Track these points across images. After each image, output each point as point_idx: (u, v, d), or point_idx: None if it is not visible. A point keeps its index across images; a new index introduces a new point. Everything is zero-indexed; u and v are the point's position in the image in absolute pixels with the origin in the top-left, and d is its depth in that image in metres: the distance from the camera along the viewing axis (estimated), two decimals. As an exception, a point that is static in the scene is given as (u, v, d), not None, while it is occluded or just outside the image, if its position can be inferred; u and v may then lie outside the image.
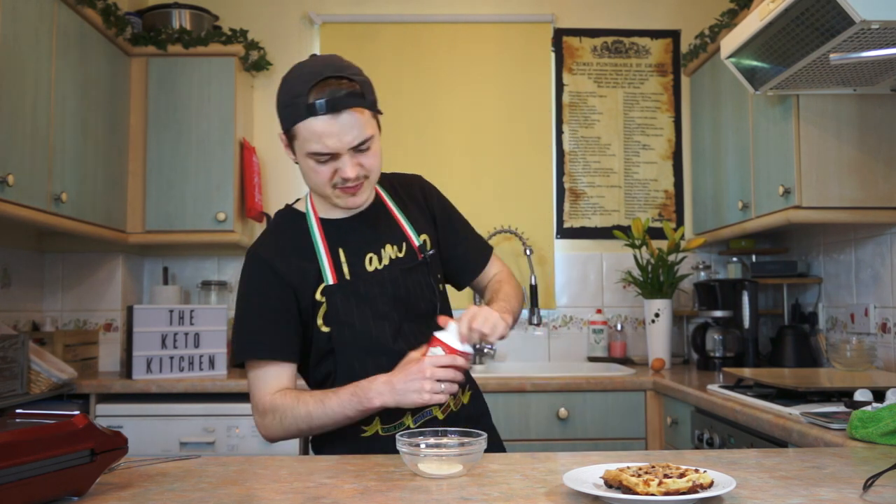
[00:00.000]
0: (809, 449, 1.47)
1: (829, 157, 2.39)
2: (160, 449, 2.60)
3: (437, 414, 1.53)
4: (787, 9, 1.94)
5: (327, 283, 1.51)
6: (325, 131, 1.41)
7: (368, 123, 1.46)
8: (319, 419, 1.45)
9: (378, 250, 1.56)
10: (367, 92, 1.47)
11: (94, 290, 3.14)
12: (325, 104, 1.40)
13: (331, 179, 1.46)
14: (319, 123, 1.40)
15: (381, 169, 1.55)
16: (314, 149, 1.43)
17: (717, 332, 2.99)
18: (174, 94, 3.07)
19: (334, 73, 1.44)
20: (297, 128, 1.43)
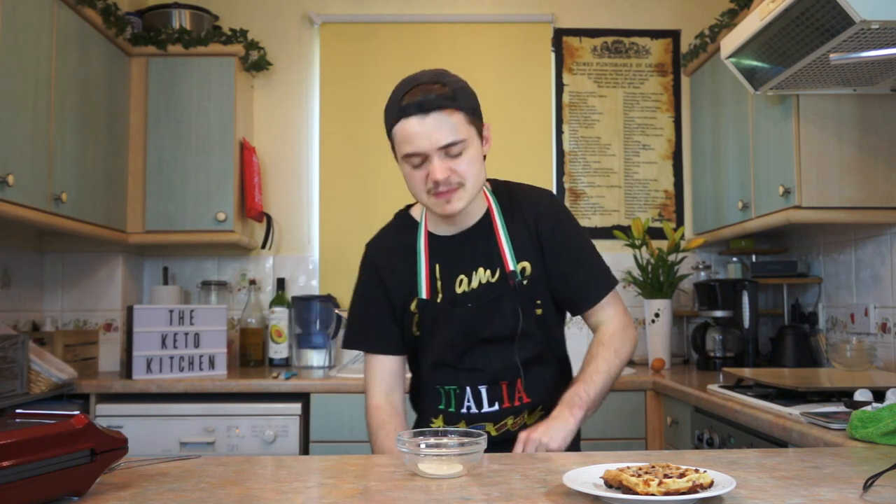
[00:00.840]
0: (809, 449, 1.47)
1: (829, 157, 2.39)
2: (160, 449, 2.60)
3: (491, 430, 1.61)
4: (787, 9, 1.94)
5: (420, 297, 1.61)
6: (414, 132, 1.46)
7: (461, 127, 1.49)
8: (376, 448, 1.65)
9: (470, 272, 1.60)
10: (460, 97, 1.50)
11: (94, 290, 3.14)
12: (415, 105, 1.46)
13: (425, 184, 1.50)
14: (410, 124, 1.46)
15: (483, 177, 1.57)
16: (405, 150, 1.48)
17: (717, 332, 2.99)
18: (174, 94, 3.07)
19: (429, 80, 1.49)
20: (393, 132, 1.51)
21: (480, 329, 1.59)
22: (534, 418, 1.63)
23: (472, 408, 1.62)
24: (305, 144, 3.48)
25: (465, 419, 1.63)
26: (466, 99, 1.51)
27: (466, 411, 1.63)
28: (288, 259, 3.44)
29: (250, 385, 2.72)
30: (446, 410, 1.65)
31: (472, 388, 1.62)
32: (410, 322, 1.64)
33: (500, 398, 1.61)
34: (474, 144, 1.52)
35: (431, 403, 1.67)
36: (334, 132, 3.45)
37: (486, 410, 1.62)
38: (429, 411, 1.68)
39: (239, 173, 3.14)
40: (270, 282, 3.42)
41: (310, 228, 3.45)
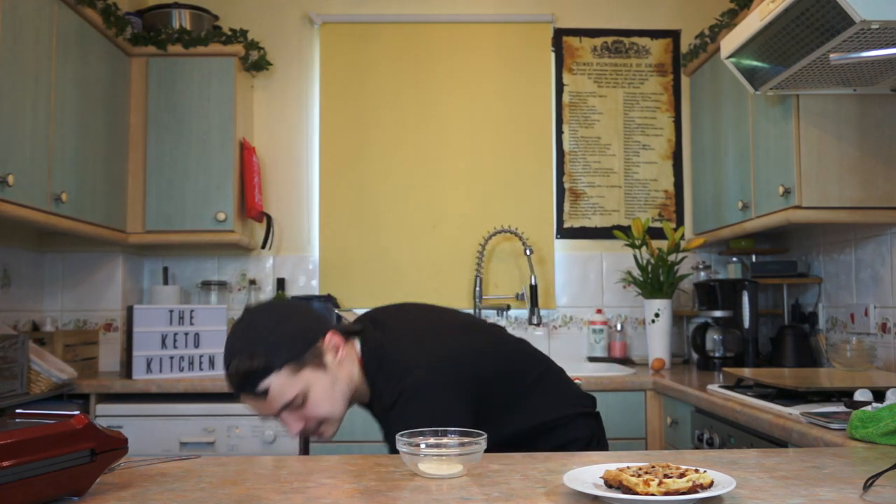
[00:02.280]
0: (809, 449, 1.47)
1: (829, 157, 2.39)
2: (160, 449, 2.60)
3: None
4: (787, 9, 1.94)
5: None
6: (252, 405, 1.49)
7: (289, 385, 1.44)
8: None
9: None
10: (274, 357, 1.43)
11: (94, 290, 3.14)
12: (237, 387, 1.47)
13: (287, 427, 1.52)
14: (245, 400, 1.49)
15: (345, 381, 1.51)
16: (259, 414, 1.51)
17: (717, 332, 2.99)
18: (174, 94, 3.07)
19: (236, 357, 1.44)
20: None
21: None
22: None
23: None
24: (305, 144, 3.48)
25: None
26: (284, 352, 1.44)
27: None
28: (288, 259, 3.44)
29: (250, 385, 2.71)
30: None
31: None
32: None
33: None
34: (317, 382, 1.47)
35: None
36: (334, 132, 3.45)
37: None
38: None
39: (239, 173, 3.14)
40: (270, 282, 3.42)
41: (310, 228, 3.45)
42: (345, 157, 3.43)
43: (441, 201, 3.42)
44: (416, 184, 3.41)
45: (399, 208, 3.41)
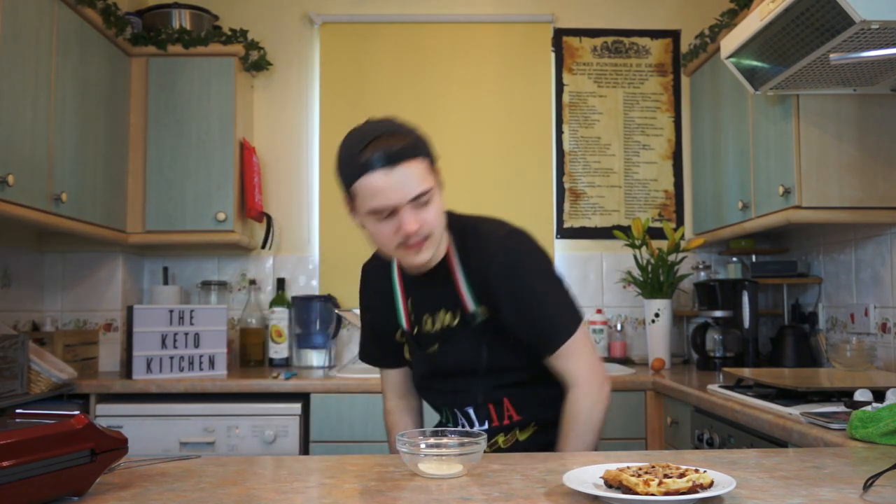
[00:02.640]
0: (809, 449, 1.47)
1: (829, 157, 2.39)
2: (160, 449, 2.60)
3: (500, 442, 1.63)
4: (787, 9, 1.94)
5: (402, 327, 1.67)
6: (382, 185, 1.41)
7: (426, 176, 1.45)
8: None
9: (434, 313, 1.62)
10: (421, 145, 1.46)
11: (94, 290, 3.14)
12: (380, 158, 1.40)
13: (394, 237, 1.46)
14: (376, 179, 1.41)
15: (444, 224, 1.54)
16: (374, 205, 1.43)
17: (717, 332, 2.99)
18: (174, 94, 3.07)
19: (387, 131, 1.44)
20: (355, 187, 1.44)
21: (447, 368, 1.63)
22: (526, 434, 1.62)
23: (466, 426, 1.65)
24: (305, 144, 3.48)
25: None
26: (427, 147, 1.48)
27: (462, 427, 1.66)
28: (288, 259, 3.44)
29: (250, 385, 2.72)
30: (447, 426, 1.69)
31: (460, 410, 1.65)
32: (402, 347, 1.72)
33: (490, 417, 1.63)
34: (437, 191, 1.49)
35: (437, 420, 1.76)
36: (334, 132, 3.43)
37: (477, 429, 1.63)
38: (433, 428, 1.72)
39: (239, 173, 3.14)
40: (270, 282, 3.42)
41: (310, 228, 3.45)
42: (345, 157, 3.43)
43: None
44: (416, 184, 3.41)
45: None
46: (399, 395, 1.79)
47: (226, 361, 2.98)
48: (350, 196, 1.48)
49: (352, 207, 1.51)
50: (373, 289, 1.74)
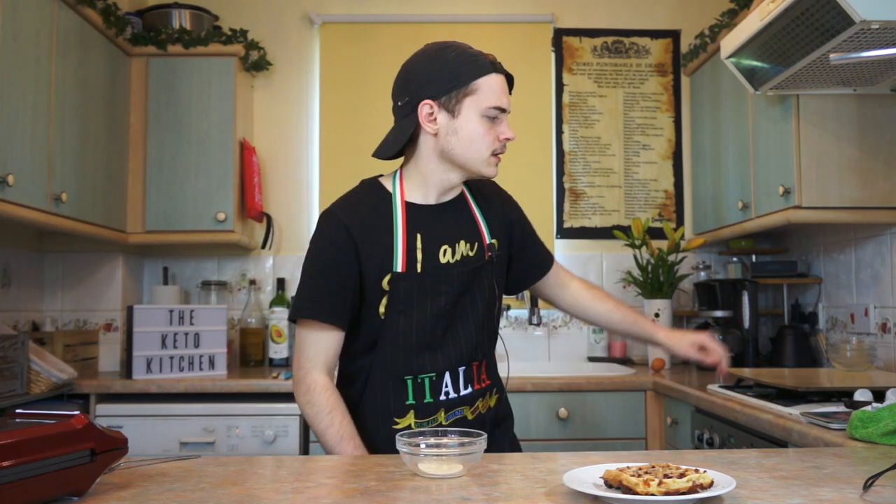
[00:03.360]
0: (809, 449, 1.47)
1: (829, 157, 2.39)
2: (160, 449, 2.60)
3: (467, 414, 1.59)
4: (787, 9, 1.94)
5: (395, 270, 1.52)
6: (502, 88, 1.53)
7: None
8: (325, 446, 1.56)
9: (453, 244, 1.59)
10: None
11: (94, 290, 3.14)
12: (500, 65, 1.54)
13: (494, 142, 1.54)
14: (499, 81, 1.53)
15: None
16: (494, 102, 1.51)
17: (717, 332, 2.99)
18: (174, 94, 3.07)
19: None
20: (478, 82, 1.50)
21: (465, 300, 1.58)
22: (493, 401, 1.66)
23: (451, 392, 1.56)
24: (305, 144, 3.48)
25: (444, 406, 1.56)
26: None
27: (445, 397, 1.56)
28: (288, 259, 3.44)
29: (250, 385, 2.72)
30: (419, 403, 1.54)
31: (451, 372, 1.56)
32: (377, 301, 1.53)
33: (472, 380, 1.60)
34: None
35: (394, 400, 1.55)
36: (334, 132, 3.45)
37: (463, 394, 1.58)
38: (388, 411, 1.55)
39: (239, 173, 3.14)
40: (270, 282, 3.42)
41: (310, 228, 3.45)
42: (345, 156, 3.43)
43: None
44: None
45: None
46: (330, 368, 1.56)
47: (226, 361, 2.98)
48: (460, 93, 1.51)
49: (450, 106, 1.52)
50: (354, 231, 1.52)
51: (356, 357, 1.60)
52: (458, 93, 1.50)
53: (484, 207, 1.67)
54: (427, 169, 1.58)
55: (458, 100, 1.51)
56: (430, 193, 1.60)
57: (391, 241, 1.54)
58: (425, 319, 1.54)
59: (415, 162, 1.59)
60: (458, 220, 1.62)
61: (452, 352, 1.57)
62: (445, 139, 1.53)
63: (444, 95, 1.51)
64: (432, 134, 1.54)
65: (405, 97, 1.54)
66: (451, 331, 1.57)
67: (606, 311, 1.87)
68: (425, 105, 1.52)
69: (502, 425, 1.70)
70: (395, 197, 1.58)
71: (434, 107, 1.52)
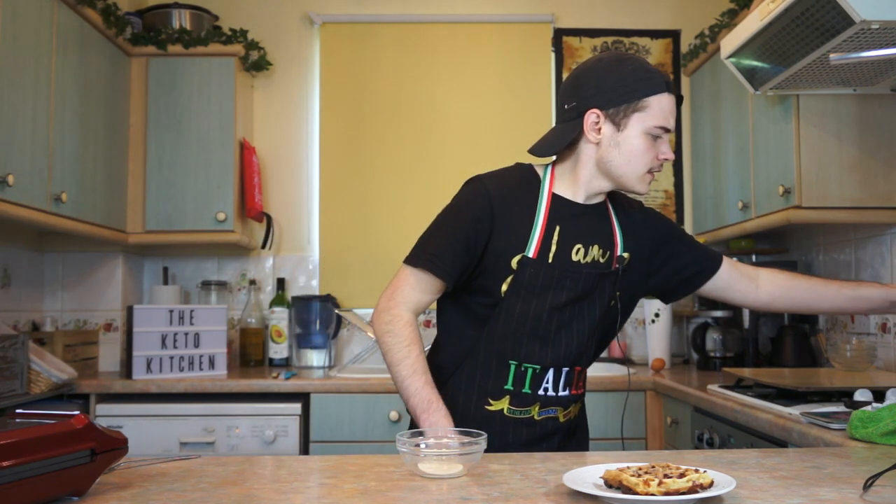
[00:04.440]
0: (809, 449, 1.47)
1: (829, 157, 2.39)
2: (160, 449, 2.60)
3: (560, 416, 1.60)
4: (787, 9, 1.94)
5: (527, 255, 1.53)
6: (671, 110, 1.53)
7: None
8: (396, 377, 1.52)
9: (587, 245, 1.58)
10: None
11: (94, 290, 3.14)
12: (672, 85, 1.53)
13: (653, 161, 1.55)
14: (670, 101, 1.52)
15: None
16: (660, 122, 1.51)
17: (717, 332, 2.99)
18: (174, 94, 3.07)
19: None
20: (650, 99, 1.50)
21: (584, 302, 1.57)
22: (576, 410, 1.66)
23: (550, 390, 1.57)
24: (305, 144, 3.48)
25: (541, 401, 1.57)
26: None
27: (543, 393, 1.56)
28: (288, 259, 3.44)
29: (250, 385, 2.72)
30: (517, 391, 1.56)
31: (555, 369, 1.56)
32: (501, 279, 1.54)
33: (571, 384, 1.60)
34: None
35: (493, 382, 1.56)
36: (334, 132, 3.45)
37: (561, 395, 1.58)
38: (485, 391, 1.57)
39: (239, 173, 3.14)
40: (270, 282, 3.42)
41: (310, 228, 3.45)
42: (345, 156, 3.43)
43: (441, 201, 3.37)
44: (416, 183, 3.41)
45: (399, 208, 3.40)
46: (419, 314, 1.58)
47: (226, 361, 2.98)
48: (630, 108, 1.51)
49: (617, 118, 1.52)
50: (497, 203, 1.55)
51: (463, 330, 1.61)
52: (629, 107, 1.51)
53: (623, 220, 1.67)
54: (581, 174, 1.59)
55: (626, 114, 1.51)
56: (579, 194, 1.61)
57: (530, 224, 1.55)
58: (543, 310, 1.54)
59: (570, 165, 1.60)
60: (597, 225, 1.62)
61: (562, 350, 1.56)
62: (607, 150, 1.54)
63: (613, 107, 1.51)
64: (594, 143, 1.55)
65: (573, 101, 1.55)
66: (564, 329, 1.56)
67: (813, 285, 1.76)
68: (592, 114, 1.52)
69: (577, 433, 1.70)
70: (545, 184, 1.61)
71: (601, 117, 1.52)
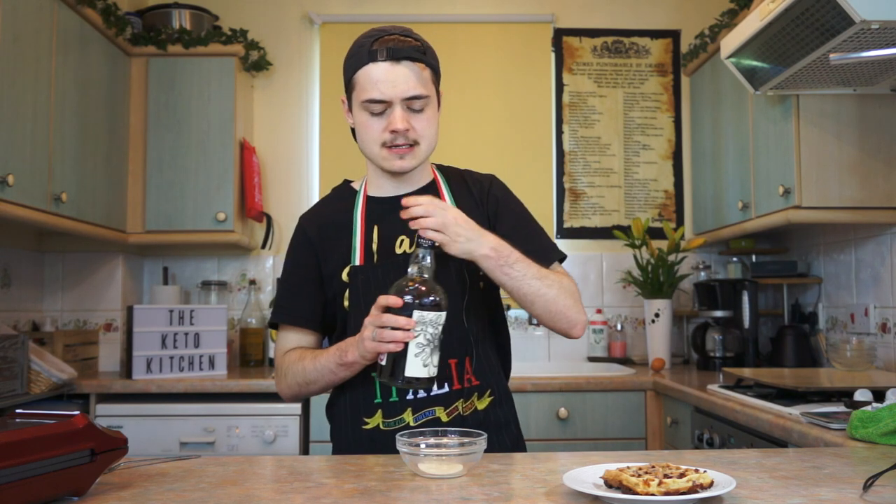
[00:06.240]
0: (809, 449, 1.47)
1: (829, 157, 2.39)
2: (160, 449, 2.60)
3: (441, 415, 1.48)
4: (787, 9, 1.94)
5: (353, 263, 1.52)
6: (381, 77, 1.43)
7: (426, 83, 1.47)
8: (312, 374, 1.49)
9: (412, 234, 1.51)
10: (429, 54, 1.50)
11: (94, 290, 3.14)
12: (386, 51, 1.43)
13: (381, 135, 1.47)
14: (377, 70, 1.44)
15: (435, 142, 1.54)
16: (369, 95, 1.44)
17: (717, 332, 2.99)
18: (174, 94, 3.07)
19: (400, 32, 1.48)
20: (356, 76, 1.46)
21: None
22: (483, 404, 1.53)
23: (420, 391, 1.47)
24: (305, 144, 3.48)
25: (412, 406, 1.47)
26: (434, 58, 1.52)
27: (413, 396, 1.47)
28: (288, 259, 3.43)
29: (250, 385, 2.72)
30: (385, 402, 1.48)
31: None
32: (342, 294, 1.52)
33: (449, 379, 1.49)
34: (434, 105, 1.51)
35: (362, 399, 1.51)
36: (334, 132, 3.45)
37: (435, 393, 1.48)
38: (357, 411, 1.51)
39: (239, 173, 3.14)
40: (270, 282, 3.42)
41: (310, 228, 3.45)
42: (345, 157, 3.43)
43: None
44: (416, 184, 3.41)
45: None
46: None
47: (226, 361, 2.98)
48: (350, 87, 1.49)
49: (349, 106, 1.52)
50: (312, 234, 1.58)
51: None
52: (349, 89, 1.50)
53: (458, 196, 1.59)
54: (368, 164, 1.58)
55: (350, 96, 1.51)
56: (384, 186, 1.58)
57: (349, 239, 1.55)
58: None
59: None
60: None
61: None
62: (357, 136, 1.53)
63: (345, 93, 1.53)
64: (351, 128, 1.54)
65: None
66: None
67: None
68: (343, 100, 1.54)
69: (497, 432, 1.56)
70: (359, 194, 1.60)
71: (344, 103, 1.54)
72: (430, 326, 1.31)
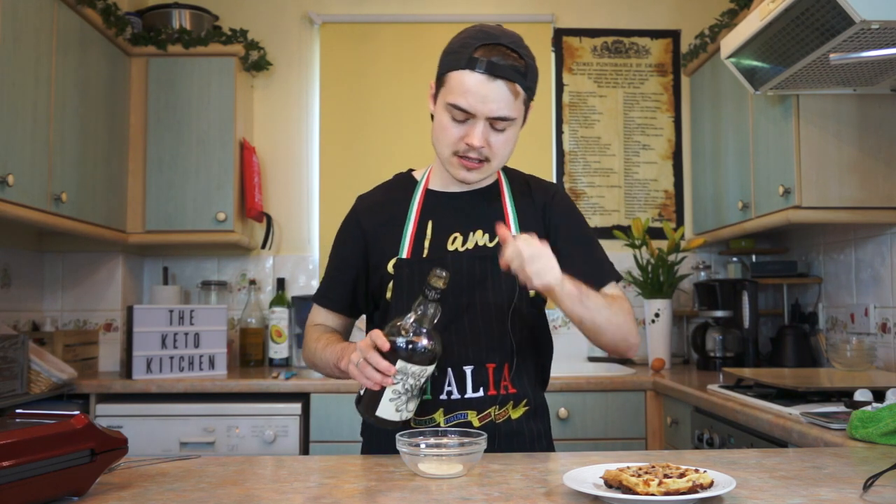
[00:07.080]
0: (809, 449, 1.47)
1: (829, 157, 2.39)
2: (160, 449, 2.60)
3: (473, 419, 1.46)
4: (787, 9, 1.94)
5: (401, 256, 1.50)
6: (473, 89, 1.39)
7: (516, 106, 1.43)
8: (319, 361, 1.53)
9: (467, 232, 1.51)
10: (530, 76, 1.44)
11: (94, 290, 3.14)
12: (487, 63, 1.38)
13: (456, 143, 1.44)
14: (472, 79, 1.39)
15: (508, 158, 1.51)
16: (456, 101, 1.40)
17: (717, 332, 2.99)
18: (174, 94, 3.07)
19: (509, 44, 1.41)
20: (449, 75, 1.42)
21: (477, 294, 1.47)
22: (518, 413, 1.49)
23: (454, 392, 1.46)
24: (305, 144, 3.48)
25: (444, 407, 1.45)
26: (533, 80, 1.46)
27: (447, 397, 1.46)
28: (288, 259, 3.44)
29: (250, 385, 2.72)
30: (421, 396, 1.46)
31: (454, 369, 1.46)
32: (385, 286, 1.51)
33: (486, 384, 1.46)
34: (518, 125, 1.47)
35: None
36: (334, 132, 3.45)
37: (469, 396, 1.46)
38: None
39: (239, 173, 3.14)
40: (270, 282, 3.42)
41: (310, 228, 3.45)
42: (345, 157, 3.43)
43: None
44: (416, 184, 3.41)
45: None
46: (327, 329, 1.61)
47: (226, 361, 2.98)
48: (440, 81, 1.46)
49: (435, 92, 1.48)
50: (364, 219, 1.58)
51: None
52: (440, 80, 1.46)
53: (518, 201, 1.56)
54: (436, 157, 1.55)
55: (438, 87, 1.47)
56: (447, 182, 1.55)
57: (401, 229, 1.53)
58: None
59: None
60: (479, 210, 1.53)
61: (457, 348, 1.45)
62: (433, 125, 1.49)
63: (436, 79, 1.48)
64: (431, 117, 1.50)
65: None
66: (456, 324, 1.46)
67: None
68: (431, 85, 1.49)
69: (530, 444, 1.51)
70: (419, 185, 1.58)
71: (432, 87, 1.49)
72: (411, 378, 1.29)
